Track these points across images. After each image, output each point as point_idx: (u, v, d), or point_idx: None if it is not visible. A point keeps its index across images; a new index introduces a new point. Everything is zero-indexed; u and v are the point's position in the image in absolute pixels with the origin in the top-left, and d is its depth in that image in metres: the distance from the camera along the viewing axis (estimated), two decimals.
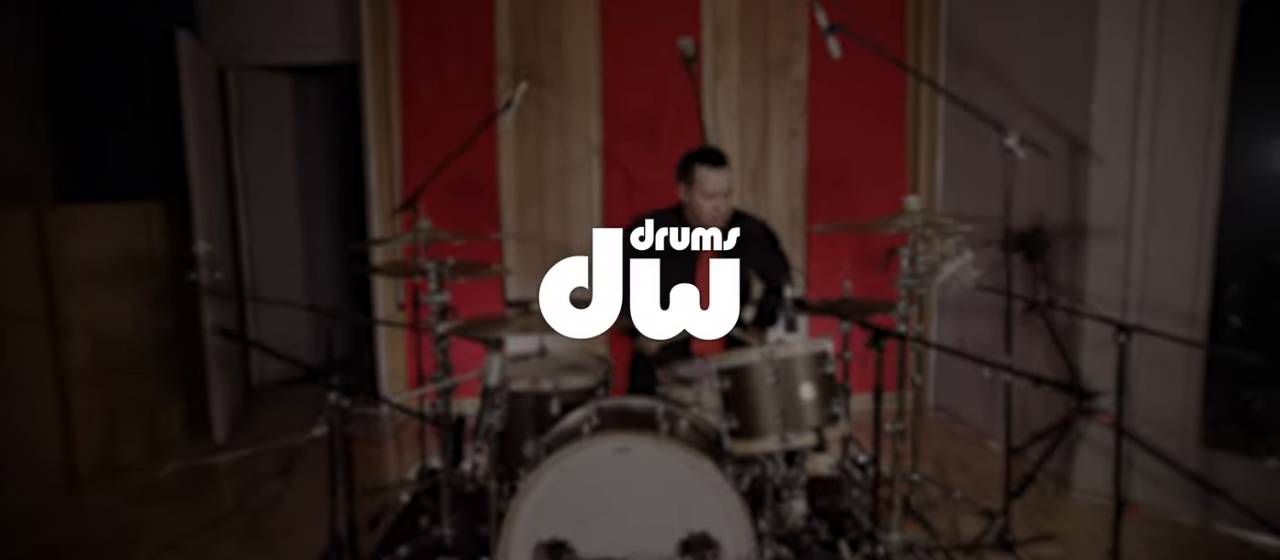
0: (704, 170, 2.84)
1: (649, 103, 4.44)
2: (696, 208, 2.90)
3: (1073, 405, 3.09)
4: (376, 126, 4.51)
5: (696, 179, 2.86)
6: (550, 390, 2.46)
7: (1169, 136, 2.91)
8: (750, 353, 2.14)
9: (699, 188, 2.86)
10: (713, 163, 2.83)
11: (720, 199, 2.86)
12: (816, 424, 2.10)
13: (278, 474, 3.66)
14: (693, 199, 2.90)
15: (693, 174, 2.87)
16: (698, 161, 2.86)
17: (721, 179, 2.84)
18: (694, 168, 2.86)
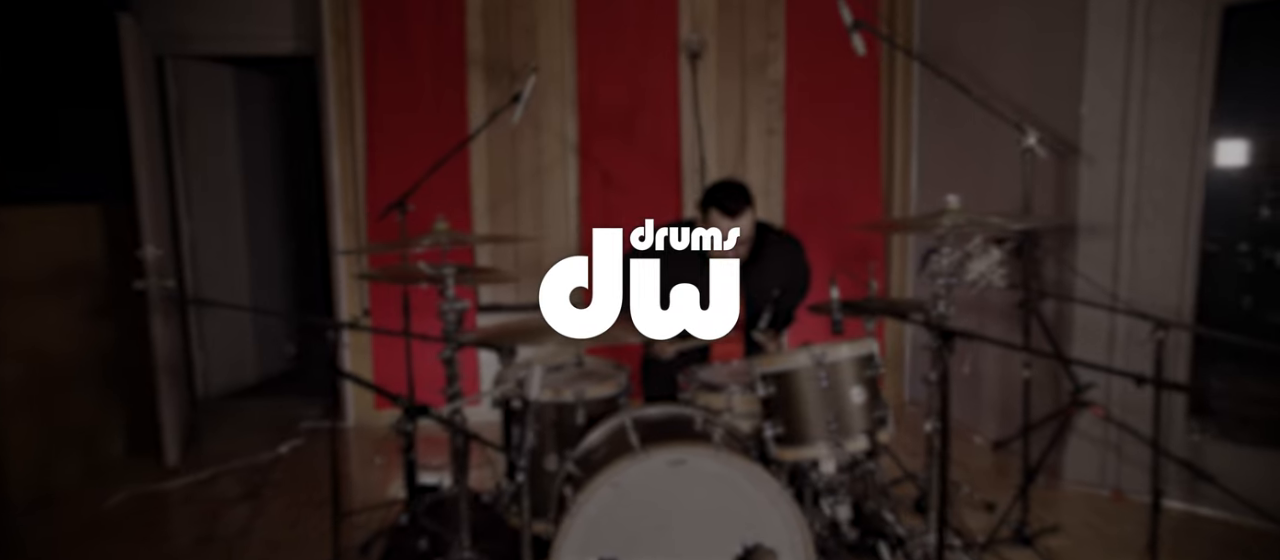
0: (717, 217, 2.65)
1: (627, 100, 4.34)
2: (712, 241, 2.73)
3: (1068, 397, 3.16)
4: (339, 123, 4.25)
5: (710, 219, 2.68)
6: (574, 401, 2.33)
7: (1156, 137, 3.01)
8: (797, 356, 2.08)
9: (712, 226, 2.69)
10: (727, 211, 2.64)
11: (735, 240, 2.68)
12: (866, 428, 2.06)
13: (243, 498, 3.38)
14: (709, 231, 2.73)
15: (709, 215, 2.69)
16: (714, 205, 2.67)
17: (733, 225, 2.64)
18: (710, 212, 2.68)
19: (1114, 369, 2.38)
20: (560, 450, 2.34)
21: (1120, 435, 3.19)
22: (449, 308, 2.21)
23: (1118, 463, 3.21)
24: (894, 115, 4.43)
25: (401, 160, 4.22)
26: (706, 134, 4.38)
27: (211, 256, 4.88)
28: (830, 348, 2.05)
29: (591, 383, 2.45)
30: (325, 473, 3.67)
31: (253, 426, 4.40)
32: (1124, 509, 3.10)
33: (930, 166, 4.33)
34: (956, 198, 2.23)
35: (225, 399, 4.95)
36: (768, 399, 2.12)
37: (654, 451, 1.88)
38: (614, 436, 2.14)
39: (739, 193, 2.68)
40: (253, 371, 5.23)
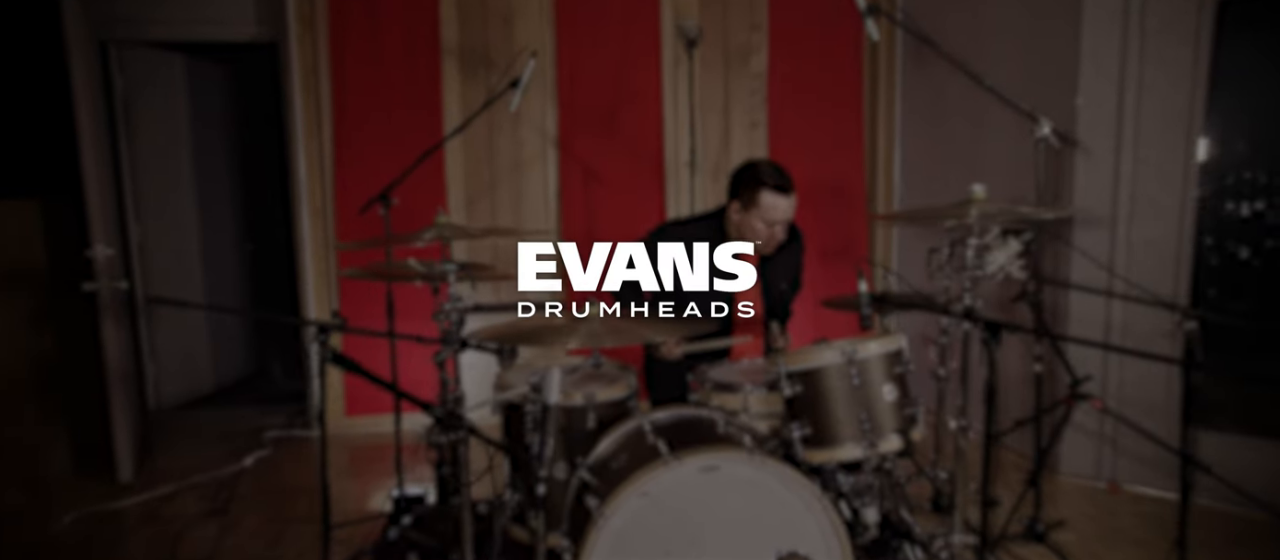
0: (772, 198, 2.49)
1: (609, 93, 4.21)
2: (749, 230, 2.59)
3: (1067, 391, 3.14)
4: (305, 115, 4.01)
5: (759, 204, 2.52)
6: (584, 404, 2.20)
7: (1152, 128, 3.02)
8: (825, 352, 1.98)
9: (761, 214, 2.54)
10: (782, 189, 2.50)
11: (780, 228, 2.57)
12: (899, 426, 1.97)
13: (209, 515, 3.14)
14: (748, 221, 2.58)
15: (756, 198, 2.53)
16: (764, 186, 2.50)
17: (789, 205, 2.52)
18: (759, 193, 2.51)
19: (1158, 355, 2.33)
20: (570, 457, 2.21)
21: (1116, 428, 3.19)
22: (451, 307, 2.04)
23: (1113, 455, 3.22)
24: (877, 109, 4.39)
25: (373, 154, 4.01)
26: (684, 131, 4.28)
27: (162, 258, 4.58)
28: (860, 343, 1.96)
29: (601, 385, 2.32)
30: (296, 485, 3.45)
31: (212, 438, 4.13)
32: (1121, 501, 3.10)
33: (913, 160, 4.31)
34: (982, 186, 2.17)
35: (180, 410, 4.65)
36: (793, 398, 2.02)
37: (686, 458, 1.75)
38: (633, 442, 2.01)
39: (785, 171, 2.54)
40: (208, 380, 4.92)
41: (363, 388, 4.17)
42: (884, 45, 4.33)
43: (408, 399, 1.25)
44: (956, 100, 3.94)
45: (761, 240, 2.60)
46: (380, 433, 4.15)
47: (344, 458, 3.84)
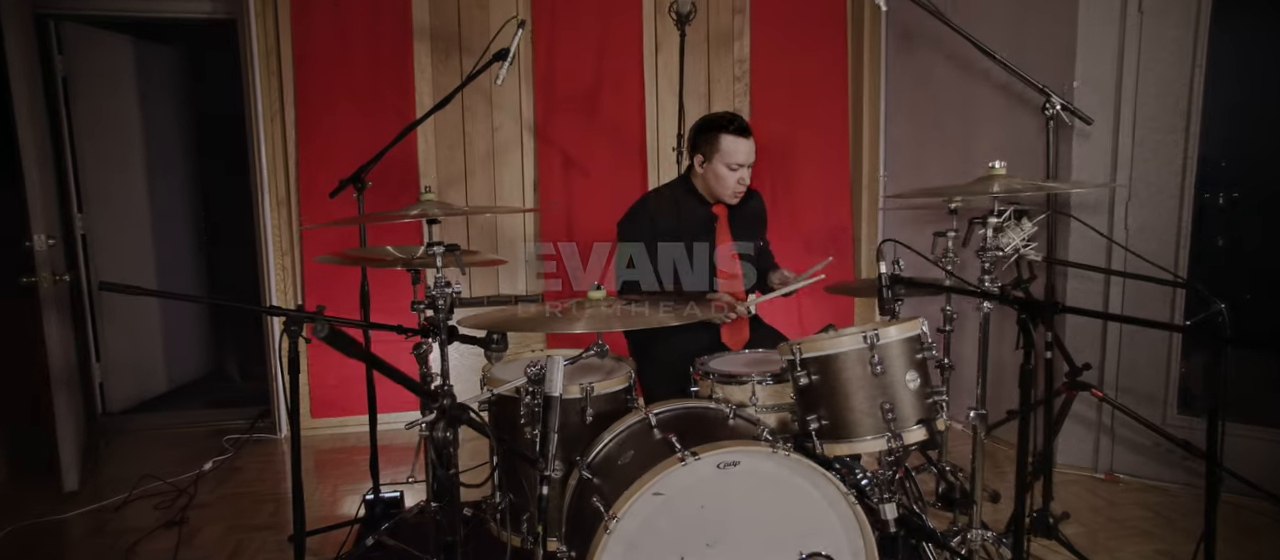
0: (731, 140, 2.53)
1: (588, 77, 4.04)
2: (717, 180, 2.60)
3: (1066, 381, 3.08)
4: (266, 98, 3.77)
5: (721, 149, 2.54)
6: (582, 396, 2.04)
7: (1151, 109, 2.96)
8: (844, 338, 1.85)
9: (723, 158, 2.55)
10: (739, 131, 2.53)
11: (745, 171, 2.58)
12: (923, 416, 1.85)
13: (164, 526, 2.90)
14: (712, 171, 2.59)
15: (716, 143, 2.55)
16: (721, 129, 2.54)
17: (749, 148, 2.56)
18: (718, 137, 2.54)
19: (1202, 332, 2.23)
20: (567, 455, 2.04)
21: (1113, 418, 3.13)
22: (438, 293, 1.86)
23: (1111, 444, 3.16)
24: (862, 94, 4.30)
25: (339, 141, 3.79)
26: (667, 115, 4.14)
27: (111, 250, 4.28)
28: (881, 328, 1.83)
29: (597, 376, 2.16)
30: (260, 491, 3.22)
31: (166, 443, 3.87)
32: (1120, 490, 3.04)
33: (899, 147, 4.23)
34: (1002, 162, 2.06)
35: (130, 413, 4.35)
36: (807, 388, 1.89)
37: (703, 453, 1.60)
38: (639, 437, 1.86)
39: (738, 115, 2.59)
40: (160, 381, 4.63)
41: (330, 388, 3.95)
42: (869, 31, 4.24)
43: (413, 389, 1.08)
44: (945, 85, 3.86)
45: (729, 190, 2.61)
46: (348, 434, 3.93)
47: (309, 461, 3.61)
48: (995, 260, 2.03)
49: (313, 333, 1.53)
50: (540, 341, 4.08)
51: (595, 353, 1.75)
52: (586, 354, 1.76)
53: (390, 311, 2.51)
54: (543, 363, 1.65)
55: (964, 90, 3.71)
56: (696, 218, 2.67)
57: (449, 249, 1.88)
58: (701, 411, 1.96)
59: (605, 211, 4.03)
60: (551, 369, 1.61)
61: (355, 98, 3.82)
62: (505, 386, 1.94)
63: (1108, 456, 3.17)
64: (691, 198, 2.68)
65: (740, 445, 1.65)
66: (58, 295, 3.18)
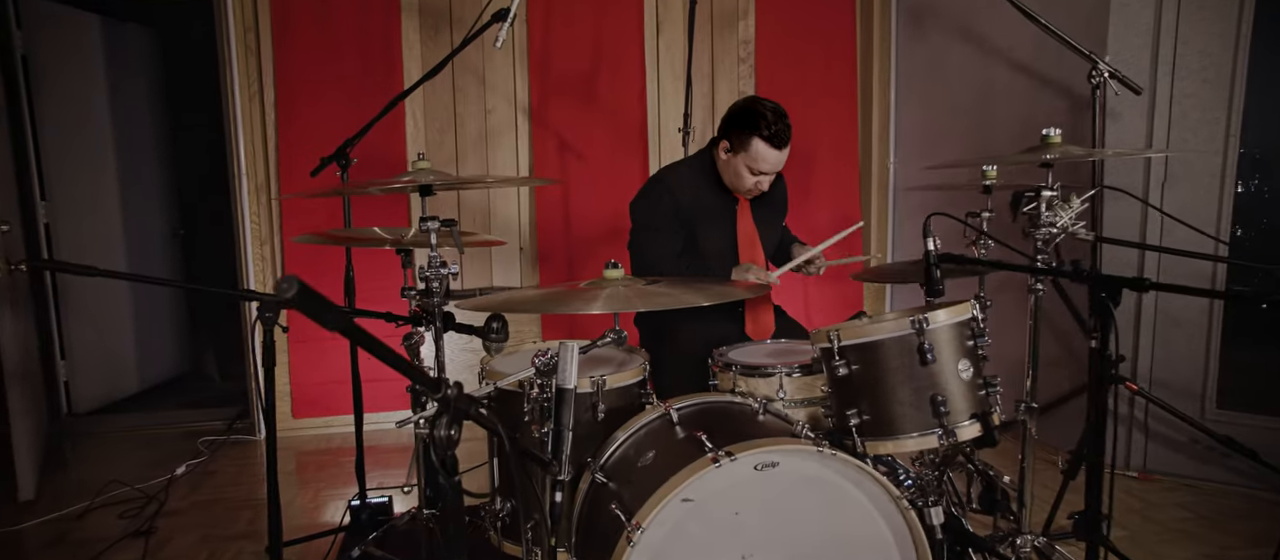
0: (763, 148, 2.29)
1: (585, 57, 3.83)
2: (735, 176, 2.39)
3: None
4: (243, 81, 3.54)
5: (749, 151, 2.31)
6: (593, 390, 1.83)
7: (1189, 87, 2.79)
8: (887, 323, 1.66)
9: (748, 160, 2.33)
10: (774, 140, 2.28)
11: (766, 179, 2.37)
12: (977, 409, 1.66)
13: (131, 536, 2.66)
14: (734, 166, 2.38)
15: (747, 144, 2.31)
16: (758, 135, 2.28)
17: (779, 160, 2.33)
18: (751, 140, 2.30)
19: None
20: (576, 455, 1.83)
21: (1147, 413, 2.96)
22: (433, 274, 1.65)
23: (1145, 441, 2.99)
24: (872, 77, 4.12)
25: (323, 126, 3.55)
26: (668, 98, 3.94)
27: (76, 241, 4.02)
28: (929, 312, 1.64)
29: (609, 367, 1.95)
30: (237, 498, 2.99)
31: (136, 446, 3.62)
32: (1156, 489, 2.87)
33: (910, 131, 4.05)
34: (1057, 130, 1.88)
35: (99, 415, 4.10)
36: (846, 379, 1.69)
37: (740, 453, 1.40)
38: (660, 436, 1.65)
39: (785, 117, 2.32)
40: (132, 381, 4.38)
41: (313, 386, 3.72)
42: (878, 13, 4.06)
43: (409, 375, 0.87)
44: (959, 69, 3.68)
45: (744, 189, 2.42)
46: (333, 435, 3.70)
47: (290, 465, 3.38)
48: (1048, 238, 1.84)
49: (277, 288, 1.33)
50: (535, 332, 3.87)
51: (613, 340, 1.54)
52: (602, 341, 1.56)
53: (379, 300, 2.29)
54: (554, 351, 1.45)
55: (980, 74, 3.54)
56: (717, 201, 2.47)
57: (445, 225, 1.67)
58: (727, 407, 1.76)
59: (604, 197, 3.83)
60: (565, 358, 1.41)
61: (339, 76, 3.59)
62: (509, 379, 1.73)
63: (1141, 454, 3.00)
64: (712, 179, 2.48)
65: (779, 444, 1.45)
66: (15, 286, 2.93)
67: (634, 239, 2.48)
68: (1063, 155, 1.84)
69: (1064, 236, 1.99)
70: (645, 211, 2.43)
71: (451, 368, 3.76)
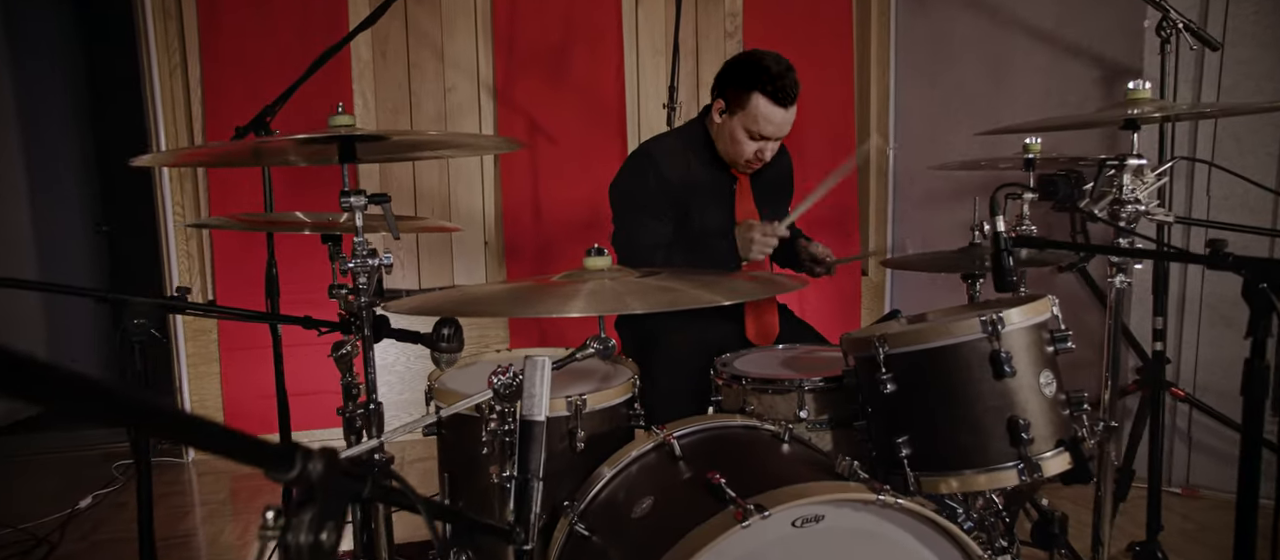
0: (765, 105, 1.92)
1: (556, 29, 3.43)
2: (731, 141, 2.01)
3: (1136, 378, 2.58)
4: (163, 50, 3.09)
5: (749, 109, 1.94)
6: (569, 414, 1.44)
7: (1244, 53, 2.47)
8: (948, 324, 1.29)
9: (746, 121, 1.95)
10: (779, 96, 1.91)
11: (769, 146, 2.00)
12: (1064, 434, 1.30)
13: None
14: (730, 128, 2.00)
15: (746, 101, 1.94)
16: (758, 90, 1.91)
17: (786, 120, 1.95)
18: (751, 97, 1.92)
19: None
20: (547, 495, 1.44)
21: (1190, 422, 2.65)
22: (360, 264, 1.25)
23: (1187, 453, 2.68)
24: (869, 55, 3.78)
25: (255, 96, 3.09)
26: (648, 75, 3.56)
27: None
28: (1003, 310, 1.28)
29: (589, 383, 1.57)
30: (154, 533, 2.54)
31: (39, 473, 3.16)
32: (1204, 509, 2.56)
33: (911, 112, 3.71)
34: (1147, 83, 1.53)
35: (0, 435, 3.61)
36: (894, 398, 1.32)
37: (774, 509, 1.02)
38: (659, 475, 1.27)
39: (792, 70, 1.95)
40: None
41: (251, 399, 3.27)
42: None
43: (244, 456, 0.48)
44: (968, 43, 3.36)
45: (741, 159, 2.03)
46: None
47: (221, 491, 2.95)
48: (1134, 217, 1.49)
49: None
50: (501, 336, 3.46)
51: (597, 350, 1.16)
52: (583, 352, 1.17)
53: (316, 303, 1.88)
54: (517, 368, 1.06)
55: (993, 46, 3.21)
56: (711, 179, 2.08)
57: (375, 200, 1.27)
58: (741, 435, 1.38)
59: (578, 183, 3.43)
60: (532, 379, 1.02)
61: (276, 47, 3.14)
62: (461, 404, 1.33)
63: (1184, 468, 2.69)
64: (706, 153, 2.10)
65: (822, 491, 1.08)
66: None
67: (619, 227, 2.10)
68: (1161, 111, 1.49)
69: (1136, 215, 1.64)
70: (630, 191, 2.05)
71: (402, 385, 3.35)
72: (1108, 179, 1.55)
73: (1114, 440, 1.61)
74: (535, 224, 3.45)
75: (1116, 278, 1.52)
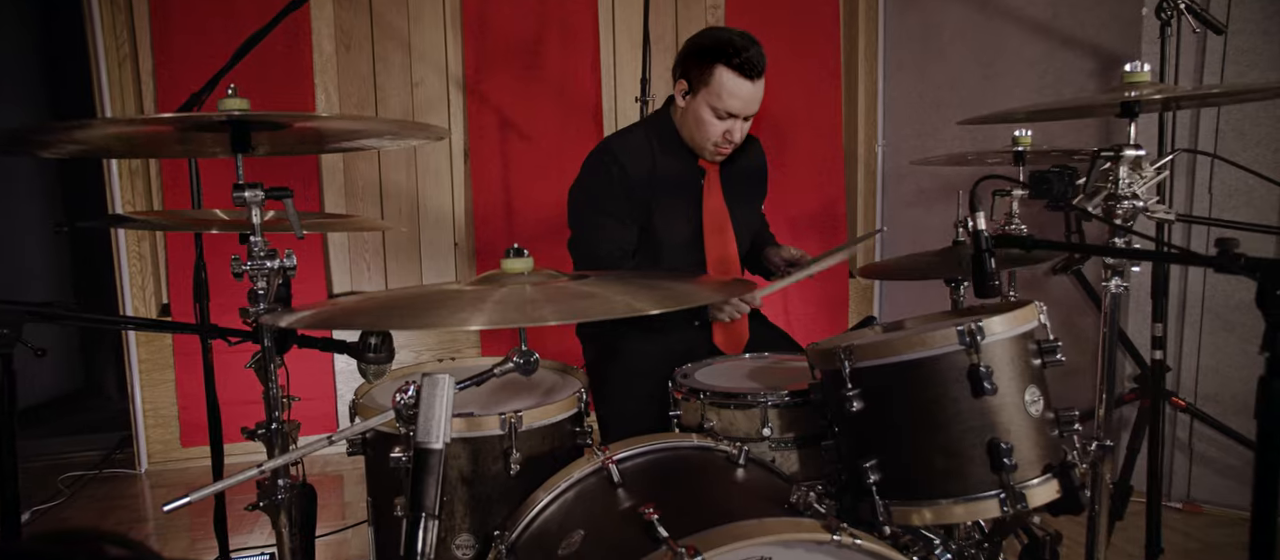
0: (731, 78, 1.77)
1: (529, 21, 3.29)
2: (696, 124, 1.86)
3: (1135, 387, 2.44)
4: (110, 38, 2.94)
5: (712, 85, 1.79)
6: (503, 433, 1.29)
7: (1247, 42, 2.33)
8: (921, 333, 1.14)
9: (711, 97, 1.80)
10: (745, 68, 1.76)
11: (738, 126, 1.84)
12: (1051, 458, 1.15)
13: None
14: (695, 110, 1.85)
15: (709, 75, 1.79)
16: (722, 63, 1.77)
17: (753, 94, 1.80)
18: (714, 71, 1.78)
19: None
20: (480, 523, 1.30)
21: (1191, 433, 2.50)
22: (256, 266, 1.10)
23: (1189, 466, 2.53)
24: (856, 50, 3.63)
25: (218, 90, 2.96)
26: (627, 69, 3.41)
27: None
28: (984, 318, 1.13)
29: (529, 398, 1.42)
30: None
31: None
32: (1207, 525, 2.41)
33: (900, 106, 3.57)
34: (1145, 65, 1.38)
35: None
36: (860, 416, 1.18)
37: (707, 548, 0.87)
38: (592, 503, 1.13)
39: (757, 42, 1.81)
40: None
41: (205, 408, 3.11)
42: None
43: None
44: (958, 35, 3.21)
45: (708, 142, 1.87)
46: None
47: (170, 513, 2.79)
48: (1130, 213, 1.35)
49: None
50: (474, 343, 3.32)
51: (516, 364, 1.01)
52: (502, 368, 1.03)
53: None
54: (416, 383, 0.91)
55: (985, 38, 3.07)
56: (678, 170, 1.93)
57: (274, 194, 1.12)
58: (690, 458, 1.23)
59: (553, 182, 3.26)
60: (429, 398, 0.87)
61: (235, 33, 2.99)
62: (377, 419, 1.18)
63: (1184, 481, 2.54)
64: (671, 143, 1.95)
65: (769, 530, 0.93)
66: None
67: (576, 232, 1.96)
68: (1162, 94, 1.34)
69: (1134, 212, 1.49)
70: (591, 191, 1.91)
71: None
72: (1102, 172, 1.40)
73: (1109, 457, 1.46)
74: (508, 224, 3.30)
75: (1112, 281, 1.37)
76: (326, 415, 3.16)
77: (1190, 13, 1.78)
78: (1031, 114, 1.56)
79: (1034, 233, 1.40)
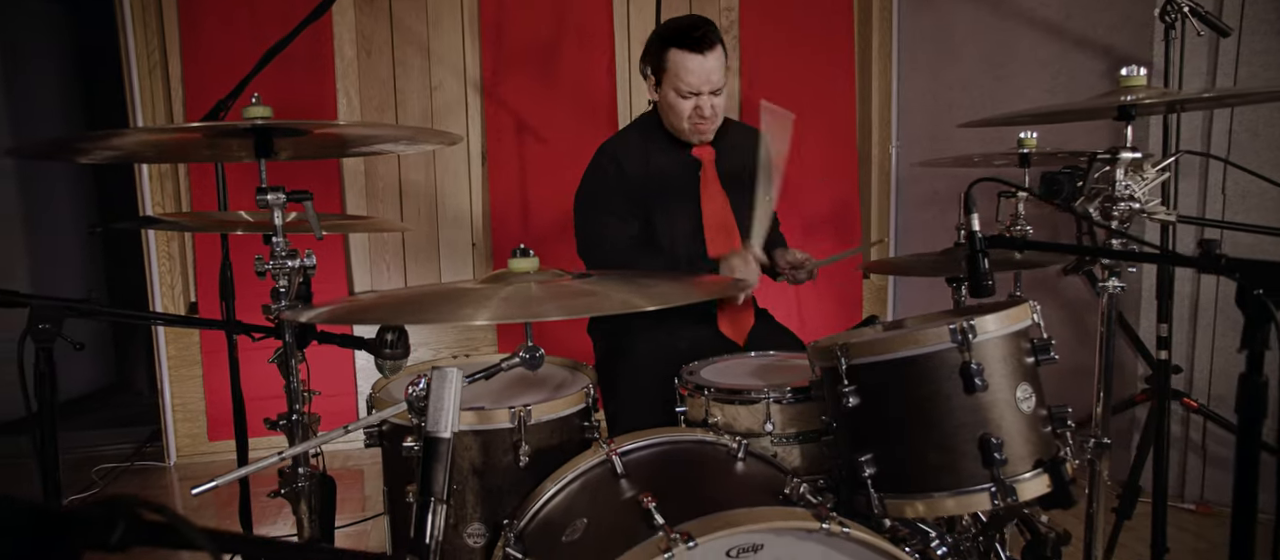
0: (680, 56, 1.85)
1: (546, 26, 3.35)
2: (669, 110, 1.94)
3: (1145, 387, 2.44)
4: (142, 46, 3.04)
5: (669, 68, 1.88)
6: (512, 425, 1.34)
7: (1260, 43, 2.32)
8: (916, 333, 1.18)
9: (672, 81, 1.89)
10: (692, 44, 1.83)
11: (707, 100, 1.89)
12: (1043, 454, 1.18)
13: None
14: (664, 98, 1.94)
15: (663, 60, 1.88)
16: (672, 45, 1.86)
17: (707, 68, 1.85)
18: (665, 55, 1.88)
19: None
20: (491, 512, 1.35)
21: (1204, 434, 2.50)
22: (278, 265, 1.17)
23: (1201, 467, 2.53)
24: (871, 51, 3.65)
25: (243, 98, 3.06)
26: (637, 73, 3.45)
27: None
28: (976, 318, 1.17)
29: (539, 393, 1.47)
30: None
31: (17, 478, 3.11)
32: (1218, 524, 2.41)
33: (914, 109, 3.58)
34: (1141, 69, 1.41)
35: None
36: (857, 413, 1.21)
37: (703, 538, 0.92)
38: (597, 493, 1.18)
39: (707, 20, 1.90)
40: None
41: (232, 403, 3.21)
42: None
43: None
44: (971, 37, 3.23)
45: (684, 123, 1.94)
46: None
47: (198, 499, 2.88)
48: (1127, 215, 1.37)
49: None
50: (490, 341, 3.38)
51: (522, 359, 1.06)
52: (508, 363, 1.08)
53: None
54: (427, 376, 0.96)
55: (998, 39, 3.08)
56: (673, 163, 1.99)
57: (295, 198, 1.18)
58: (691, 451, 1.28)
59: (568, 184, 3.30)
60: (438, 390, 0.92)
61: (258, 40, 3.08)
62: (391, 410, 1.24)
63: (1197, 482, 2.54)
64: (661, 137, 2.02)
65: (762, 517, 0.97)
66: None
67: (581, 232, 2.02)
68: (1159, 98, 1.36)
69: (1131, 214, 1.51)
70: (592, 192, 1.99)
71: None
72: (1103, 174, 1.43)
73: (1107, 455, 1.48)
74: (524, 224, 3.37)
75: (1109, 281, 1.39)
76: (347, 411, 3.24)
77: (1194, 16, 1.79)
78: (1034, 116, 1.58)
79: (1050, 234, 1.43)
